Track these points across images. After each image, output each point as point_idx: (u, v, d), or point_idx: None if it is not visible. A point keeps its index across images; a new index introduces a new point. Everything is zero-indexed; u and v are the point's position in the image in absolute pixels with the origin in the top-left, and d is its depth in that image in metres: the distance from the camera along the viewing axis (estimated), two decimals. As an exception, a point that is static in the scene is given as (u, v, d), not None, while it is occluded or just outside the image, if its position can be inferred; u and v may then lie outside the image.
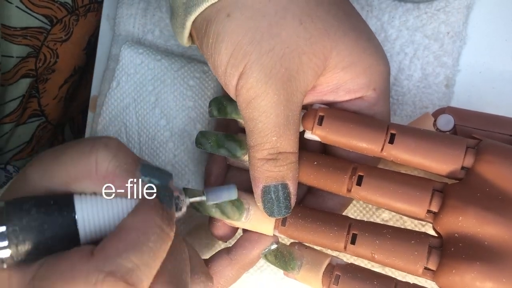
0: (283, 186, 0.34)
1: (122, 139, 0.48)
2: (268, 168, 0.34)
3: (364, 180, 0.33)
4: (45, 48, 0.54)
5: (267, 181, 0.34)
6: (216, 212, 0.36)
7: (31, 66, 0.53)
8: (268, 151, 0.34)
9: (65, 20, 0.54)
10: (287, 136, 0.34)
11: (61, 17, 0.53)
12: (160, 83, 0.47)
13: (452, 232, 0.30)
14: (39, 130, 0.61)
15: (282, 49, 0.32)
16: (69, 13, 0.53)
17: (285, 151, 0.34)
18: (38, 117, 0.60)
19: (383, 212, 0.42)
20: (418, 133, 0.33)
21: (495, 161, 0.30)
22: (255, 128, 0.34)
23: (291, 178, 0.35)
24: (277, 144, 0.33)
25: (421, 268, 0.31)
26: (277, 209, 0.35)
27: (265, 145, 0.34)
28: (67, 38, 0.56)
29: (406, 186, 0.32)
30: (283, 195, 0.35)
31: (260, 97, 0.33)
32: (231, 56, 0.33)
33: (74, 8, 0.54)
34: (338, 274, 0.34)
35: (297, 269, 0.35)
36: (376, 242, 0.32)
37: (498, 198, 0.30)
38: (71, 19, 0.54)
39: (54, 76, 0.58)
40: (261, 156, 0.34)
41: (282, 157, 0.34)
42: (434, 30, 0.43)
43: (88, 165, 0.30)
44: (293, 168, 0.35)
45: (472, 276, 0.29)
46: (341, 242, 0.34)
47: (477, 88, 0.43)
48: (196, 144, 0.40)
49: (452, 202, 0.31)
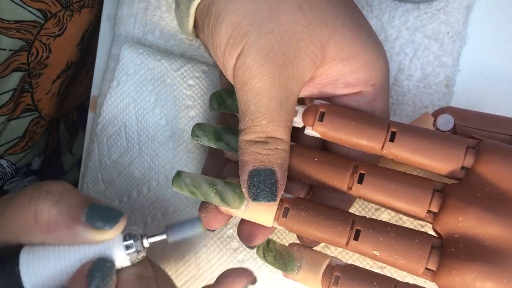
0: (270, 172, 0.33)
1: (121, 139, 0.48)
2: (256, 150, 0.33)
3: (366, 178, 0.33)
4: (37, 42, 0.54)
5: (255, 164, 0.34)
6: (215, 198, 0.35)
7: (23, 60, 0.53)
8: (257, 134, 0.33)
9: (59, 15, 0.54)
10: (278, 121, 0.33)
11: (56, 11, 0.53)
12: (160, 83, 0.47)
13: (452, 232, 0.30)
14: (32, 125, 0.61)
15: (281, 33, 0.32)
16: (64, 8, 0.53)
17: (274, 136, 0.33)
18: (31, 111, 0.59)
19: (382, 212, 0.42)
20: (419, 132, 0.32)
21: (495, 161, 0.30)
22: (247, 111, 0.33)
23: (279, 165, 0.34)
24: (267, 128, 0.33)
25: (422, 268, 0.31)
26: (262, 193, 0.33)
27: (254, 128, 0.33)
28: (61, 33, 0.55)
29: (407, 185, 0.32)
30: (270, 181, 0.33)
31: (255, 78, 0.32)
32: (231, 36, 0.33)
33: (68, 3, 0.53)
34: (338, 275, 0.33)
35: (296, 270, 0.35)
36: (379, 239, 0.32)
37: (498, 198, 0.30)
38: (65, 14, 0.54)
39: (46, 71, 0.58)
40: (249, 138, 0.34)
41: (271, 141, 0.33)
42: (434, 30, 0.43)
43: (28, 217, 0.31)
44: (282, 155, 0.34)
45: (472, 276, 0.29)
46: (344, 238, 0.33)
47: (477, 88, 0.43)
48: (192, 136, 0.39)
49: (452, 202, 0.30)
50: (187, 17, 0.36)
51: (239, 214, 0.36)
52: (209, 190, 0.35)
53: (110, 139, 0.49)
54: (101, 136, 0.49)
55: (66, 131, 0.73)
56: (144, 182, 0.48)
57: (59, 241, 0.32)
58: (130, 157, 0.48)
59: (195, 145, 0.47)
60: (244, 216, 0.36)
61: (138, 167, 0.48)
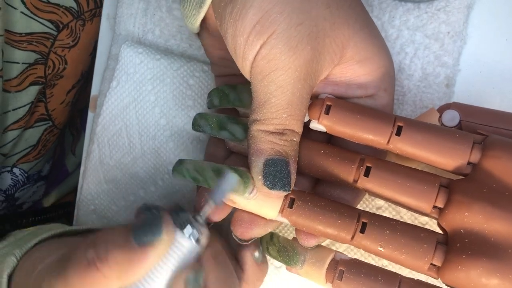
0: (285, 162, 0.33)
1: (123, 139, 0.48)
2: (273, 140, 0.33)
3: (372, 171, 0.32)
4: (53, 54, 0.54)
5: (271, 154, 0.33)
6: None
7: (40, 73, 0.53)
8: (275, 126, 0.33)
9: (71, 25, 0.54)
10: (297, 116, 0.33)
11: (67, 22, 0.53)
12: (160, 82, 0.47)
13: (458, 228, 0.30)
14: (45, 134, 0.61)
15: (311, 27, 0.32)
16: (75, 17, 0.53)
17: (292, 129, 0.33)
18: (45, 121, 0.60)
19: (383, 212, 0.42)
20: (425, 126, 0.32)
21: (501, 156, 0.30)
22: (267, 103, 0.33)
23: (293, 157, 0.34)
24: (286, 122, 0.33)
25: (427, 264, 0.31)
26: (279, 182, 0.33)
27: (273, 120, 0.33)
28: (75, 44, 0.56)
29: (414, 180, 0.32)
30: (285, 172, 0.33)
31: (280, 70, 0.32)
32: (258, 22, 0.31)
33: (79, 13, 0.54)
34: (342, 269, 0.33)
35: (300, 264, 0.35)
36: (386, 232, 0.31)
37: (505, 194, 0.29)
38: (77, 24, 0.54)
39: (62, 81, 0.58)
40: (266, 129, 0.33)
41: (288, 133, 0.33)
42: (435, 30, 0.43)
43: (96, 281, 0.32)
44: (296, 148, 0.34)
45: (478, 272, 0.28)
46: (349, 231, 0.32)
47: (478, 88, 0.43)
48: (194, 126, 0.39)
49: (458, 198, 0.30)
50: (200, 7, 0.35)
51: (243, 204, 0.35)
52: (212, 175, 0.35)
53: (111, 139, 0.49)
54: (102, 136, 0.49)
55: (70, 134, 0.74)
56: (150, 182, 0.48)
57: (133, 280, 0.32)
58: (133, 156, 0.48)
59: (195, 145, 0.46)
60: (249, 207, 0.35)
61: (143, 166, 0.48)
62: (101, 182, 0.49)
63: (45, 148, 0.63)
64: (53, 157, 0.70)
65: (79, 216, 0.51)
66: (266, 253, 0.36)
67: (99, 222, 0.50)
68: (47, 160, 0.68)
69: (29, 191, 0.68)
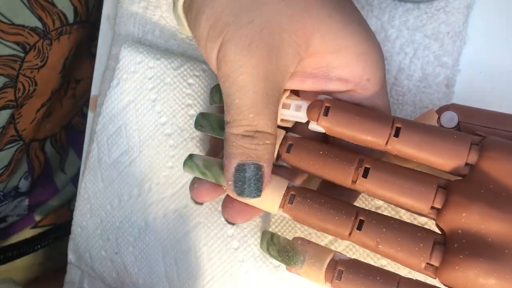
0: (257, 167, 0.33)
1: (122, 138, 0.48)
2: (244, 144, 0.33)
3: (371, 172, 0.33)
4: (22, 77, 0.52)
5: (242, 158, 0.33)
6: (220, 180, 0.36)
7: (10, 97, 0.52)
8: (245, 128, 0.32)
9: (38, 46, 0.52)
10: (266, 115, 0.32)
11: (34, 42, 0.52)
12: (160, 81, 0.47)
13: (456, 228, 0.30)
14: (17, 153, 0.60)
15: (262, 23, 0.31)
16: (41, 37, 0.52)
17: (263, 130, 0.33)
18: (16, 142, 0.59)
19: (382, 211, 0.42)
20: (423, 128, 0.32)
21: (499, 157, 0.30)
22: (232, 104, 0.32)
23: (267, 160, 0.33)
24: (254, 122, 0.32)
25: (423, 263, 0.31)
26: (247, 188, 0.33)
27: (241, 122, 0.32)
28: (43, 64, 0.54)
29: (412, 181, 0.32)
30: (256, 176, 0.33)
31: (238, 71, 0.31)
32: (211, 27, 0.32)
33: (45, 32, 0.52)
34: (341, 269, 0.33)
35: (300, 264, 0.35)
36: (382, 230, 0.32)
37: (502, 195, 0.30)
38: (44, 43, 0.53)
39: (31, 101, 0.57)
40: (237, 132, 0.33)
41: (260, 136, 0.33)
42: (434, 30, 0.43)
43: None
44: (270, 150, 0.33)
45: (475, 272, 0.28)
46: (347, 228, 0.33)
47: (478, 88, 0.43)
48: (196, 125, 0.39)
49: (456, 199, 0.30)
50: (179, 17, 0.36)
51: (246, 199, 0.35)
52: (220, 171, 0.36)
53: (110, 138, 0.49)
54: (101, 135, 0.49)
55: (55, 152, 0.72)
56: (146, 180, 0.48)
57: None
58: (130, 156, 0.48)
59: (195, 144, 0.47)
60: (250, 201, 0.36)
61: (139, 166, 0.48)
62: (98, 181, 0.50)
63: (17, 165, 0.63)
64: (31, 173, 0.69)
65: (76, 215, 0.52)
66: (266, 253, 0.36)
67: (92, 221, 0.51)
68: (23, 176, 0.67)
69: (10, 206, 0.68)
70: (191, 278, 0.46)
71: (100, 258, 0.51)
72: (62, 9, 0.54)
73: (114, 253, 0.50)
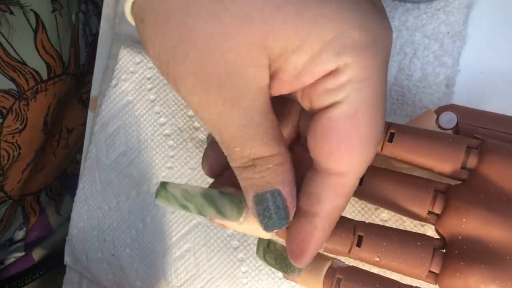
0: (273, 193, 0.29)
1: (120, 138, 0.48)
2: (248, 175, 0.29)
3: (365, 179, 0.32)
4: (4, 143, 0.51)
5: (254, 190, 0.29)
6: (210, 210, 0.32)
7: None
8: (241, 160, 0.29)
9: (15, 108, 0.50)
10: (255, 142, 0.28)
11: (10, 105, 0.50)
12: (159, 82, 0.47)
13: (456, 234, 0.30)
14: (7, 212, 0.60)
15: (198, 53, 0.26)
16: (16, 99, 0.50)
17: (260, 156, 0.29)
18: (4, 202, 0.58)
19: (381, 212, 0.42)
20: (417, 132, 0.32)
21: (499, 161, 0.30)
22: (218, 141, 0.29)
23: (281, 182, 0.29)
24: (244, 154, 0.29)
25: (425, 272, 0.30)
26: (270, 221, 0.30)
27: (232, 156, 0.29)
28: (24, 126, 0.53)
29: (407, 186, 0.32)
30: (276, 203, 0.29)
31: (199, 111, 0.28)
32: (159, 68, 0.28)
33: (20, 93, 0.50)
34: (340, 277, 0.33)
35: (298, 272, 0.34)
36: (382, 243, 0.31)
37: (503, 200, 0.29)
38: (21, 104, 0.51)
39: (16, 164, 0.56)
40: (236, 165, 0.30)
41: (260, 162, 0.29)
42: (434, 30, 0.43)
43: None
44: (280, 171, 0.29)
45: (476, 279, 0.28)
46: (346, 246, 0.32)
47: (478, 88, 0.43)
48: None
49: (455, 203, 0.30)
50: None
51: (235, 227, 0.34)
52: (203, 201, 0.32)
53: (108, 138, 0.49)
54: (100, 136, 0.49)
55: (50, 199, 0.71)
56: (144, 181, 0.47)
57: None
58: (129, 156, 0.48)
59: (195, 144, 0.46)
60: (241, 230, 0.34)
61: (138, 166, 0.48)
62: (96, 181, 0.49)
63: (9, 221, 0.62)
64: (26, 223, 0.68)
65: (73, 217, 0.52)
66: (263, 260, 0.36)
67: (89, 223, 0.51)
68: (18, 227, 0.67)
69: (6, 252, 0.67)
70: (190, 278, 0.46)
71: (96, 260, 0.51)
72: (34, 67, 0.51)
73: (111, 254, 0.49)
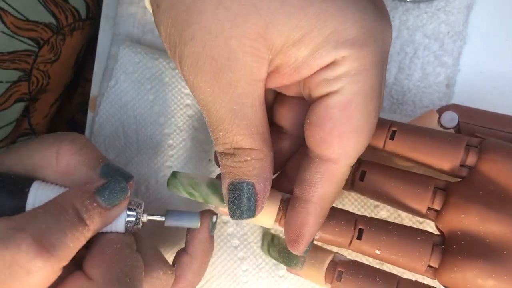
0: (247, 185, 0.31)
1: (119, 138, 0.48)
2: (227, 163, 0.31)
3: (366, 176, 0.33)
4: (35, 70, 0.53)
5: (230, 178, 0.31)
6: (214, 198, 0.34)
7: (24, 90, 0.53)
8: (223, 146, 0.31)
9: (52, 41, 0.53)
10: (237, 131, 0.30)
11: (47, 38, 0.52)
12: (158, 81, 0.47)
13: (454, 229, 0.30)
14: None
15: (203, 36, 0.28)
16: (54, 33, 0.53)
17: (241, 147, 0.30)
18: (27, 135, 0.60)
19: (381, 209, 0.42)
20: (418, 130, 0.33)
21: (498, 159, 0.30)
22: (206, 122, 0.31)
23: (256, 176, 0.31)
24: (227, 140, 0.30)
25: (425, 266, 0.31)
26: (238, 210, 0.31)
27: (217, 140, 0.31)
28: (56, 58, 0.55)
29: (407, 182, 0.32)
30: (247, 195, 0.31)
31: (195, 91, 0.30)
32: (168, 49, 0.30)
33: (59, 28, 0.53)
34: (341, 270, 0.33)
35: (300, 265, 0.35)
36: (382, 237, 0.32)
37: (501, 197, 0.30)
38: (58, 39, 0.53)
39: (45, 96, 0.58)
40: (218, 150, 0.31)
41: (239, 153, 0.30)
42: (434, 30, 0.43)
43: (50, 157, 0.33)
44: (258, 166, 0.31)
45: (474, 273, 0.29)
46: (347, 238, 0.33)
47: (478, 88, 0.43)
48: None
49: (455, 200, 0.31)
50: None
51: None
52: (208, 190, 0.34)
53: (107, 138, 0.49)
54: (98, 135, 0.49)
55: None
56: (142, 181, 0.47)
57: (69, 184, 0.34)
58: (128, 156, 0.48)
59: (194, 144, 0.46)
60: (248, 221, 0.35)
61: (136, 166, 0.48)
62: (94, 181, 0.49)
63: None
64: None
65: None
66: (267, 254, 0.37)
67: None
68: None
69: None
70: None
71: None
72: (74, 5, 0.54)
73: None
